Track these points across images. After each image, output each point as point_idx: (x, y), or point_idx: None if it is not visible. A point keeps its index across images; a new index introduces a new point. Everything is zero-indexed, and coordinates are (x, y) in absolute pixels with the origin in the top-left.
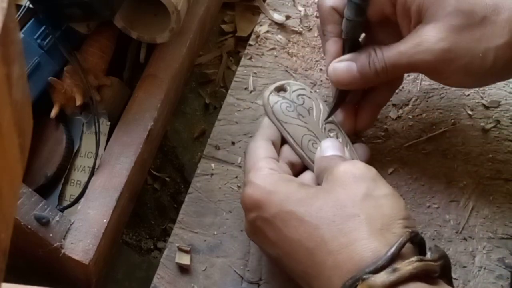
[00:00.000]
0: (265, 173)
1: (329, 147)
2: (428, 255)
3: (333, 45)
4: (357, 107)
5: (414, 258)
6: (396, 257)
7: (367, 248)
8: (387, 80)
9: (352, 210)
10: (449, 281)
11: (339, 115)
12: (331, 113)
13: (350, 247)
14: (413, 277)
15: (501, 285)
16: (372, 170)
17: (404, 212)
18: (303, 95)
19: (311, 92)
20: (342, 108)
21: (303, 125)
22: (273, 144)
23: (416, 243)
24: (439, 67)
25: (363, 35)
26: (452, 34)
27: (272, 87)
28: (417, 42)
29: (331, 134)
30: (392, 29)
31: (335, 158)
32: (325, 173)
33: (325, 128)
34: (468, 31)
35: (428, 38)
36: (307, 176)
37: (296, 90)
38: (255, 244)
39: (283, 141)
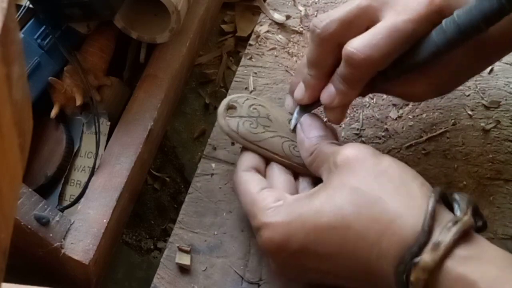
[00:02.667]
0: (272, 208)
1: (310, 126)
2: (457, 208)
3: (321, 78)
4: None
5: (450, 223)
6: (433, 226)
7: (403, 227)
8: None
9: (372, 193)
10: (481, 217)
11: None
12: (295, 122)
13: (387, 232)
14: (456, 242)
15: None
16: (366, 146)
17: (411, 172)
18: (253, 104)
19: (254, 98)
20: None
21: (275, 135)
22: (258, 170)
23: (440, 197)
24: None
25: None
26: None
27: (222, 109)
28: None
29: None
30: None
31: (324, 141)
32: (325, 163)
33: (292, 126)
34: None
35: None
36: (304, 184)
37: (244, 102)
38: (273, 261)
39: (266, 161)
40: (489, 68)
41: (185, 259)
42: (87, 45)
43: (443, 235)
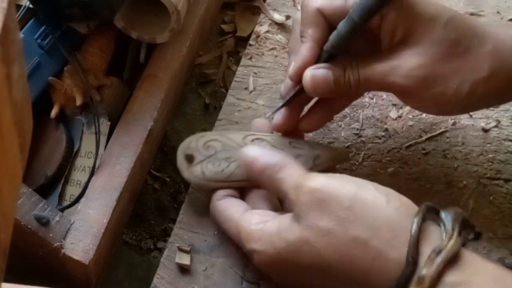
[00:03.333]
0: (257, 235)
1: (255, 157)
2: (442, 230)
3: (309, 50)
4: (309, 109)
5: (433, 254)
6: (417, 256)
7: (387, 263)
8: (357, 93)
9: (346, 235)
10: (472, 228)
11: (282, 113)
12: (280, 107)
13: (372, 271)
14: (442, 272)
15: None
16: (322, 182)
17: (381, 198)
18: (206, 142)
19: (203, 135)
20: (287, 108)
21: (239, 162)
22: (234, 196)
23: (429, 211)
24: (411, 92)
25: None
26: (432, 63)
27: (181, 162)
28: (395, 64)
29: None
30: (370, 40)
31: (273, 174)
32: (284, 197)
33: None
34: (449, 61)
35: (407, 62)
36: (256, 202)
37: (197, 144)
38: (271, 276)
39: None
40: None
41: (185, 259)
42: (87, 45)
43: (427, 267)
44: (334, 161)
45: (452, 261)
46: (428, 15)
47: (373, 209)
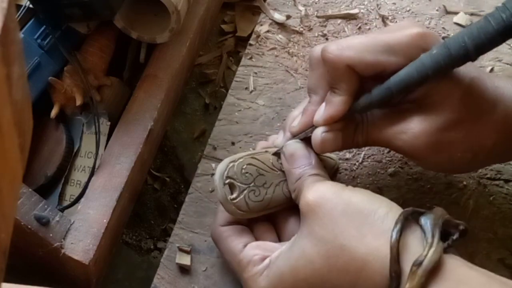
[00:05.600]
0: (256, 274)
1: (293, 156)
2: (423, 237)
3: (344, 104)
4: None
5: (414, 267)
6: (399, 270)
7: (373, 274)
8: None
9: (336, 241)
10: (456, 227)
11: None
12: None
13: (359, 282)
14: (425, 284)
15: None
16: (327, 185)
17: (373, 200)
18: (242, 168)
19: (240, 159)
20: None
21: (274, 188)
22: (238, 221)
23: (410, 215)
24: (416, 156)
25: None
26: (440, 131)
27: (224, 194)
28: (402, 128)
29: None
30: (378, 79)
31: (306, 173)
32: (301, 199)
33: (276, 165)
34: (457, 130)
35: (414, 127)
36: (291, 225)
37: (235, 171)
38: None
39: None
40: (489, 68)
41: (185, 259)
42: (87, 45)
43: (410, 281)
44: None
45: (434, 271)
46: (450, 80)
47: (359, 217)
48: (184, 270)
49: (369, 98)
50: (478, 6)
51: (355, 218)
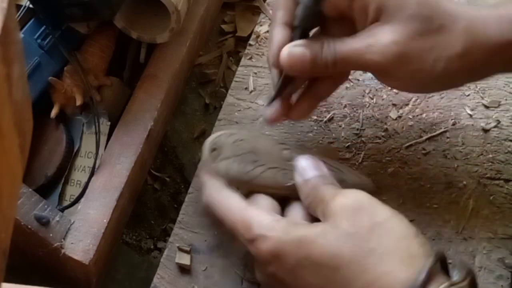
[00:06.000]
0: (269, 222)
1: (306, 168)
2: (455, 274)
3: (280, 31)
4: (297, 98)
5: (445, 284)
6: (426, 284)
7: (395, 281)
8: (334, 73)
9: (367, 244)
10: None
11: (273, 106)
12: (271, 100)
13: (377, 283)
14: None
15: (501, 286)
16: (364, 195)
17: (412, 229)
18: (235, 140)
19: (232, 133)
20: (276, 101)
21: (265, 168)
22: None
23: (438, 259)
24: (388, 70)
25: (315, 29)
26: (407, 39)
27: (207, 154)
28: (370, 41)
29: (285, 152)
30: (346, 23)
31: (320, 183)
32: (319, 206)
33: (277, 154)
34: (423, 38)
35: (382, 39)
36: (295, 211)
37: (227, 140)
38: (260, 271)
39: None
40: None
41: (185, 259)
42: (87, 45)
43: None
44: (358, 188)
45: None
46: None
47: (400, 233)
48: (184, 270)
49: (302, 6)
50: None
51: (393, 233)
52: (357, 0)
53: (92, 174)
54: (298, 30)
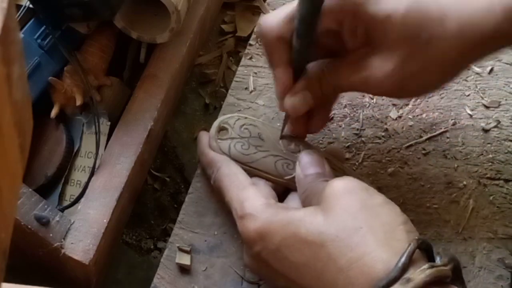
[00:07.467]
0: (262, 204)
1: (308, 164)
2: (438, 260)
3: (283, 73)
4: (309, 115)
5: (425, 266)
6: (407, 266)
7: (377, 260)
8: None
9: (353, 223)
10: (461, 283)
11: (289, 126)
12: (283, 127)
13: (360, 262)
14: (427, 284)
15: (501, 286)
16: (361, 182)
17: (402, 217)
18: (244, 124)
19: (245, 117)
20: (292, 118)
21: (267, 154)
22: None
23: (423, 248)
24: (387, 96)
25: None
26: (399, 69)
27: (214, 132)
28: (365, 75)
29: (292, 146)
30: (338, 37)
31: (319, 179)
32: (315, 197)
33: (284, 145)
34: (415, 58)
35: (377, 72)
36: (292, 201)
37: (235, 123)
38: (246, 252)
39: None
40: (489, 68)
41: (185, 259)
42: (87, 45)
43: (416, 274)
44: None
45: (439, 283)
46: (382, 13)
47: (388, 218)
48: (184, 270)
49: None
50: None
51: (381, 217)
52: (345, 23)
53: (92, 174)
54: (297, 68)
